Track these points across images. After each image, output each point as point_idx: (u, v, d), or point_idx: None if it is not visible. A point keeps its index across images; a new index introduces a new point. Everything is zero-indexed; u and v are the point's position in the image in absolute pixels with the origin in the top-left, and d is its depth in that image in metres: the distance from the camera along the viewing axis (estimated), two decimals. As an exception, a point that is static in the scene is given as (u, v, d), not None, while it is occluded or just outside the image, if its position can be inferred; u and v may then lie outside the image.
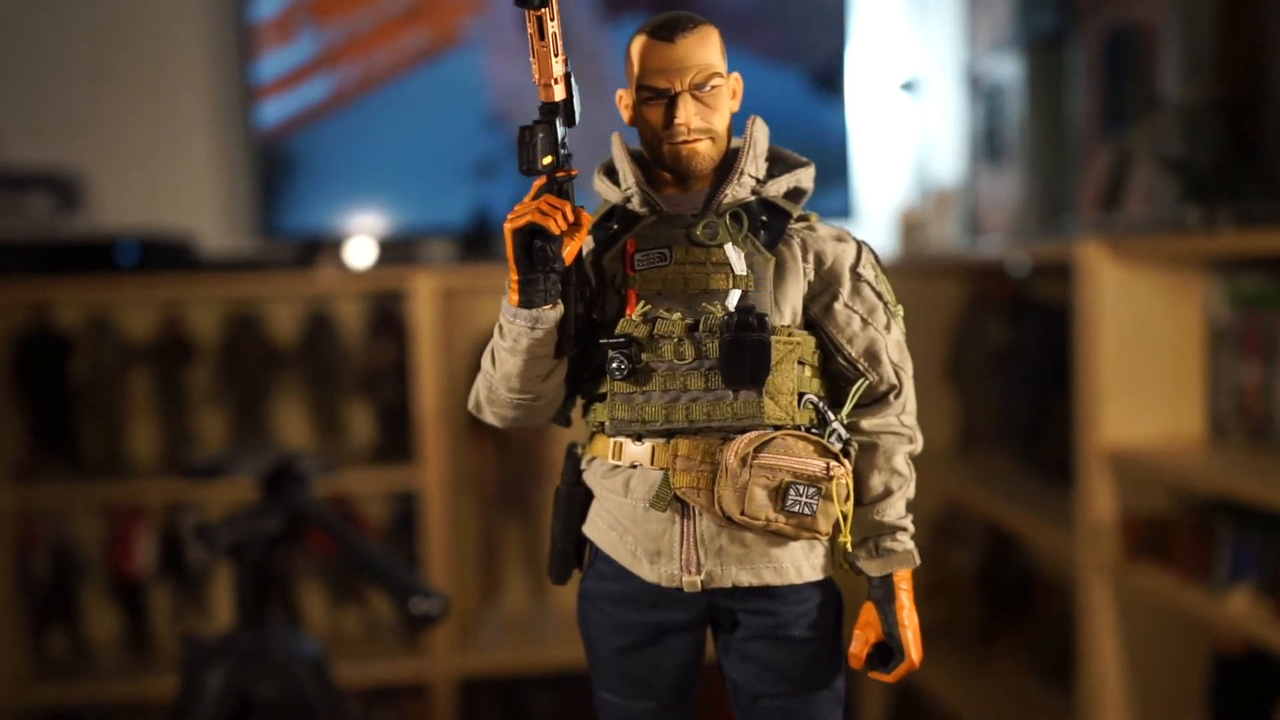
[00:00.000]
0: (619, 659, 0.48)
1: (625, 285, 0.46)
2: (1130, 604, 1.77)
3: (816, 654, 0.47)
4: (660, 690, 0.48)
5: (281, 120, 2.50)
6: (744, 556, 0.46)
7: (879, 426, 0.47)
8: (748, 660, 0.47)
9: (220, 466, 1.05)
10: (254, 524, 1.07)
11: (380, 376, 2.57)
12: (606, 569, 0.48)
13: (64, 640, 2.54)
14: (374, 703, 2.59)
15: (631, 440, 0.47)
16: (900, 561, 0.47)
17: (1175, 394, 1.77)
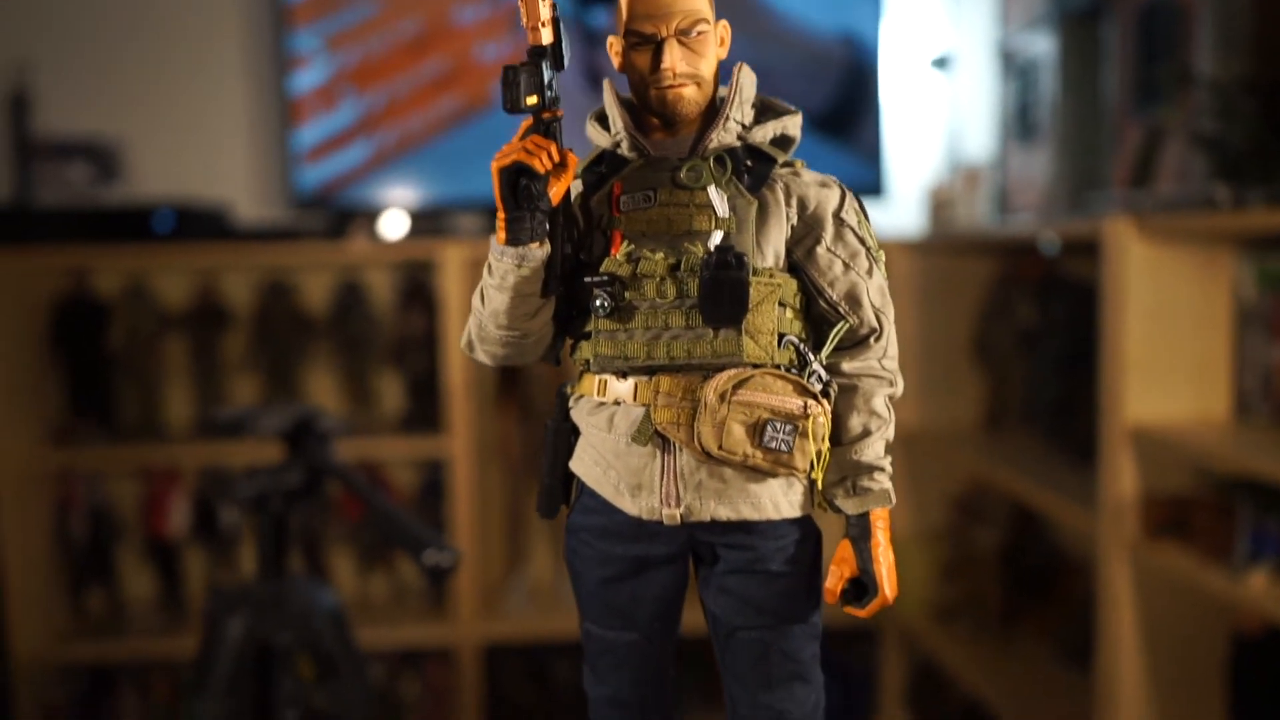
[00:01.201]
0: (602, 590, 0.50)
1: (611, 226, 0.47)
2: (1150, 583, 1.76)
3: (793, 588, 0.48)
4: (642, 622, 0.49)
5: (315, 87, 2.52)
6: (722, 492, 0.47)
7: (859, 369, 0.48)
8: (726, 593, 0.49)
9: (244, 422, 1.08)
10: (275, 478, 1.09)
11: (409, 347, 2.61)
12: (591, 503, 0.50)
13: (101, 599, 2.60)
14: (401, 666, 2.64)
15: (616, 377, 0.48)
16: (876, 500, 0.48)
17: (1201, 373, 1.75)
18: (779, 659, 0.48)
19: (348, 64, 2.51)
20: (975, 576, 2.50)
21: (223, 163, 2.65)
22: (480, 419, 2.52)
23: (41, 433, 2.45)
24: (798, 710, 0.49)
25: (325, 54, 2.50)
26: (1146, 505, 1.71)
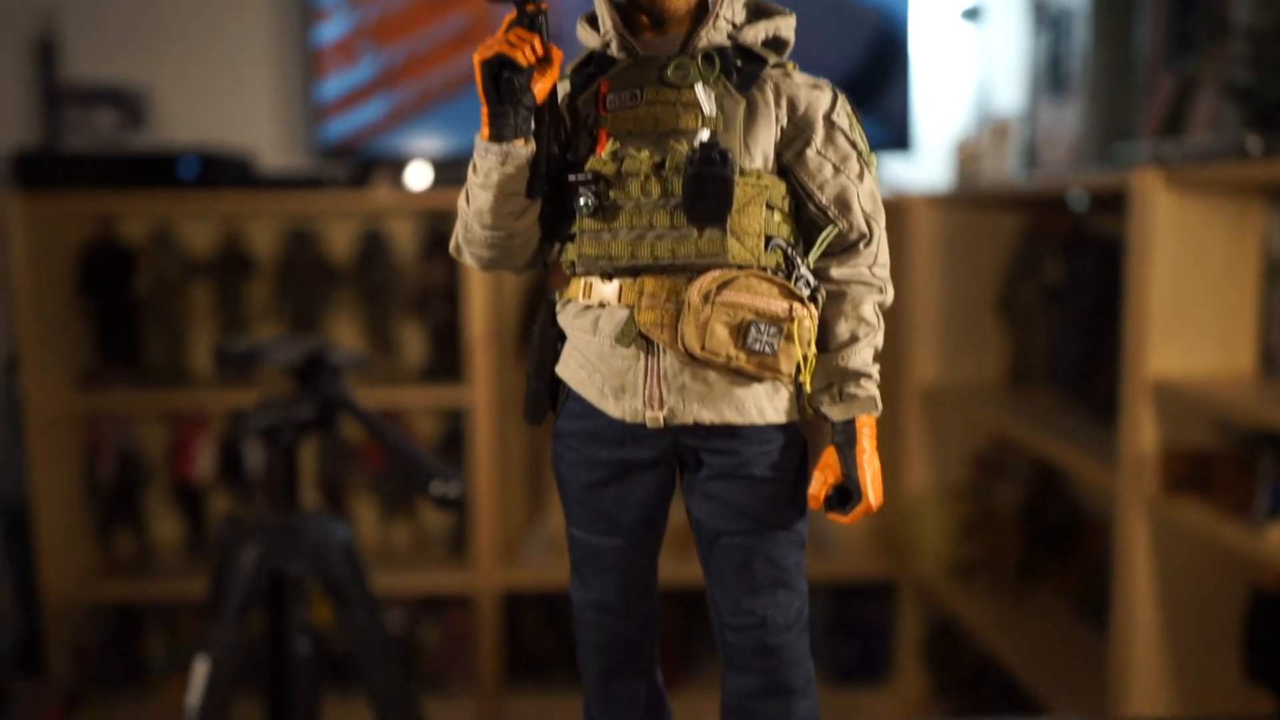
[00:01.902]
0: (586, 495, 0.50)
1: (597, 125, 0.47)
2: (1168, 537, 1.75)
3: (777, 494, 0.48)
4: (626, 527, 0.50)
5: (336, 40, 2.52)
6: (706, 395, 0.47)
7: (848, 275, 0.48)
8: (710, 499, 0.49)
9: (256, 354, 1.09)
10: (287, 410, 1.11)
11: (431, 296, 2.62)
12: (576, 407, 0.50)
13: (129, 541, 2.65)
14: (421, 612, 2.67)
15: (600, 279, 0.48)
16: (862, 407, 0.48)
17: (1226, 327, 1.73)
18: (762, 565, 0.49)
19: (367, 19, 2.51)
20: (994, 534, 2.49)
21: (248, 111, 2.65)
22: (501, 369, 2.53)
23: (70, 377, 2.49)
24: (781, 616, 0.49)
25: (346, 8, 2.50)
26: (1166, 460, 1.69)
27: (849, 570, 2.66)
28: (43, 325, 2.37)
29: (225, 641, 1.08)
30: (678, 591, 2.36)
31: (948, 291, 2.57)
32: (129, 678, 2.59)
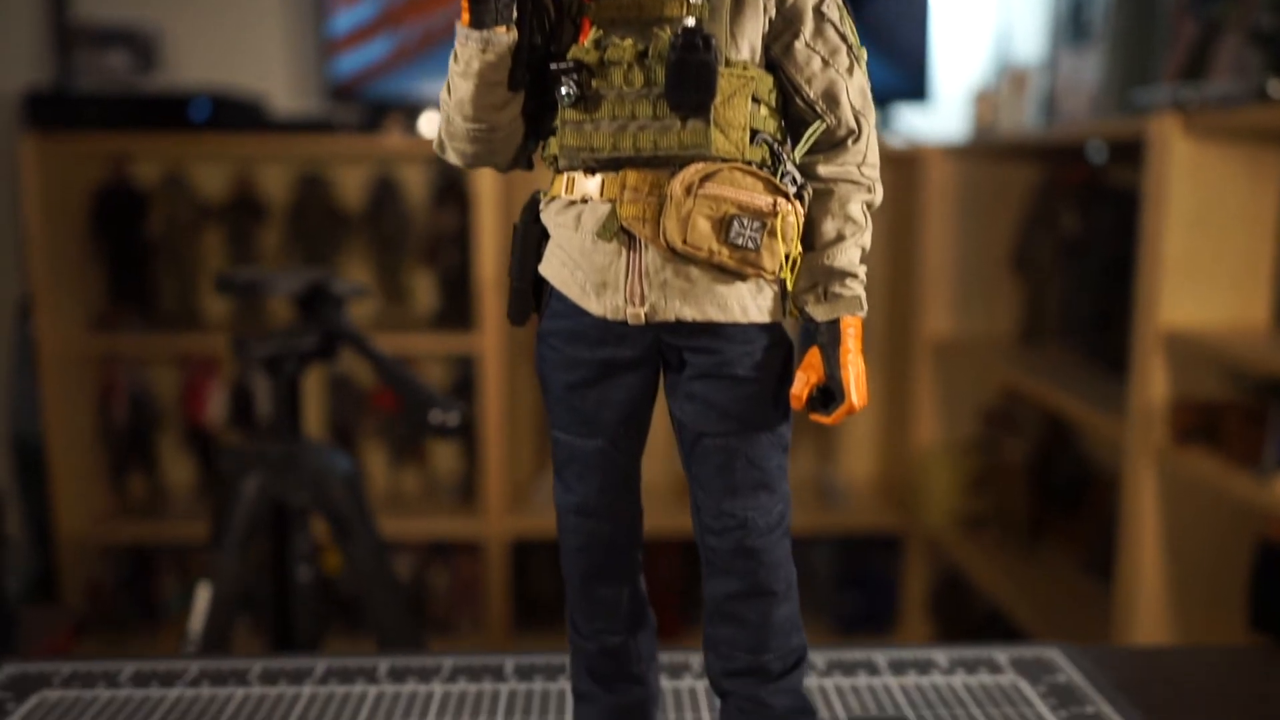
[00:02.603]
0: (569, 396, 0.49)
1: (580, 14, 0.46)
2: (1176, 489, 1.74)
3: (760, 395, 0.48)
4: (608, 428, 0.49)
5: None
6: (688, 291, 0.46)
7: (836, 173, 0.47)
8: (692, 400, 0.48)
9: (257, 284, 1.09)
10: (289, 340, 1.11)
11: (443, 243, 2.61)
12: (559, 307, 0.49)
13: (143, 484, 2.67)
14: (431, 557, 2.69)
15: (583, 173, 0.47)
16: (847, 307, 0.47)
17: (1242, 277, 1.70)
18: (744, 466, 0.48)
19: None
20: (1003, 488, 2.48)
21: (258, 52, 2.64)
22: (511, 316, 2.52)
23: (84, 319, 2.50)
24: (762, 519, 0.48)
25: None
26: (1176, 410, 1.68)
27: (857, 522, 2.66)
28: (56, 267, 2.37)
29: (227, 569, 1.09)
30: (682, 541, 2.37)
31: (961, 245, 2.55)
32: (142, 616, 2.63)
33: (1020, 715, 0.65)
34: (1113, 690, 0.68)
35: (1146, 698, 0.68)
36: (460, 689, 0.69)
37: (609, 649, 0.54)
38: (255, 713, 0.65)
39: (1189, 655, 0.76)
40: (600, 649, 0.54)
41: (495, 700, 0.67)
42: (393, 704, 0.67)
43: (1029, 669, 0.71)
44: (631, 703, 0.55)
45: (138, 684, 0.69)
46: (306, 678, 0.70)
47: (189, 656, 0.72)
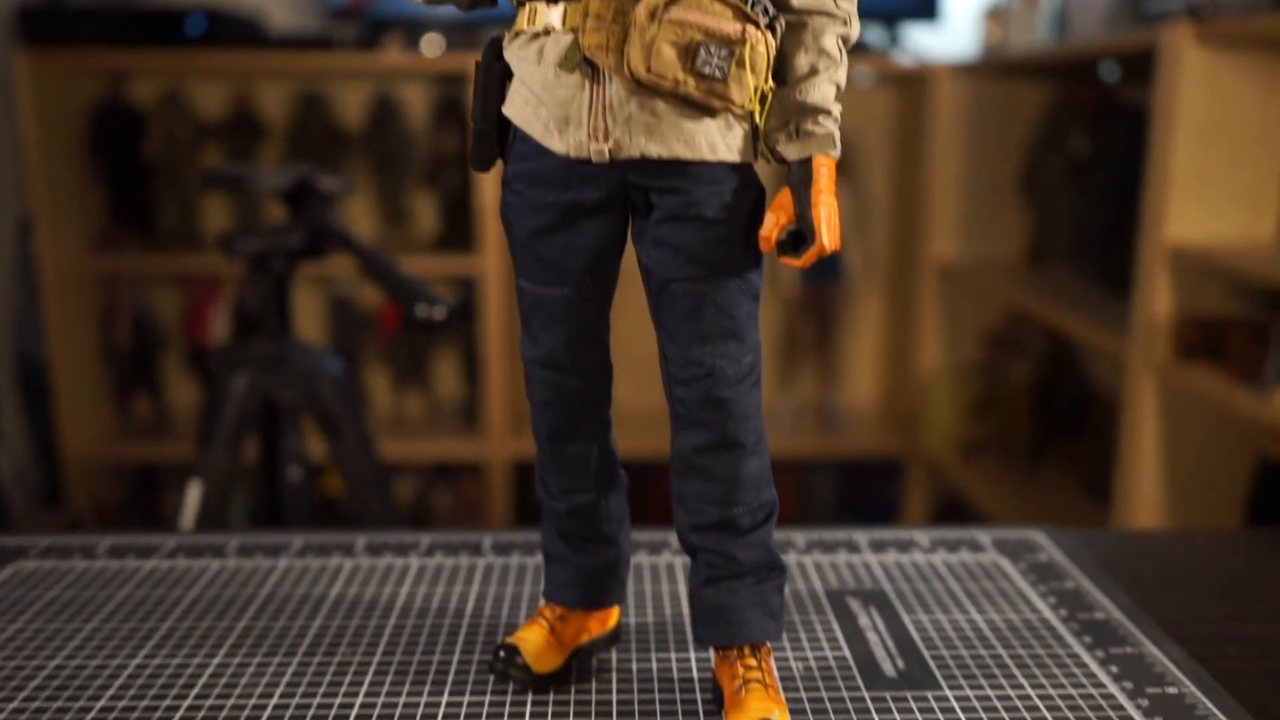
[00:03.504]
0: (534, 242, 0.48)
1: None
2: (1176, 406, 1.73)
3: (729, 238, 0.46)
4: (573, 275, 0.48)
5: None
6: (654, 127, 0.45)
7: (809, 4, 0.45)
8: (660, 244, 0.47)
9: (242, 179, 1.07)
10: (276, 237, 1.09)
11: (444, 165, 2.58)
12: (523, 149, 0.48)
13: (147, 405, 2.68)
14: (434, 478, 2.71)
15: (545, 3, 0.46)
16: (820, 145, 0.46)
17: (1251, 191, 1.67)
18: (712, 313, 0.47)
19: None
20: (1005, 412, 2.48)
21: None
22: (512, 238, 2.51)
23: (84, 240, 2.49)
24: (731, 368, 0.47)
25: None
26: (1179, 326, 1.66)
27: (858, 447, 2.66)
28: (55, 187, 2.36)
29: (217, 465, 1.09)
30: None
31: (969, 166, 2.51)
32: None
33: (999, 589, 0.65)
34: (1094, 568, 0.67)
35: (1128, 575, 0.68)
36: (437, 562, 0.68)
37: (578, 508, 0.54)
38: (230, 583, 0.65)
39: (1174, 537, 0.75)
40: (570, 508, 0.54)
41: (471, 572, 0.67)
42: (368, 575, 0.66)
43: (1011, 548, 0.71)
44: (602, 564, 0.55)
45: (114, 555, 0.69)
46: (283, 551, 0.70)
47: (167, 532, 0.72)
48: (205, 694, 0.53)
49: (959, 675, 0.55)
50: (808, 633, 0.59)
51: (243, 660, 0.56)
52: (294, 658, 0.57)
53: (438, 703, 0.52)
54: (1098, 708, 0.52)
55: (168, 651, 0.57)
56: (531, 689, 0.54)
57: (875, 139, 2.74)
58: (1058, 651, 0.57)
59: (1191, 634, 0.60)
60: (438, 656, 0.57)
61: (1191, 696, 0.53)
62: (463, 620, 0.61)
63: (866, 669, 0.56)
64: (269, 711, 0.52)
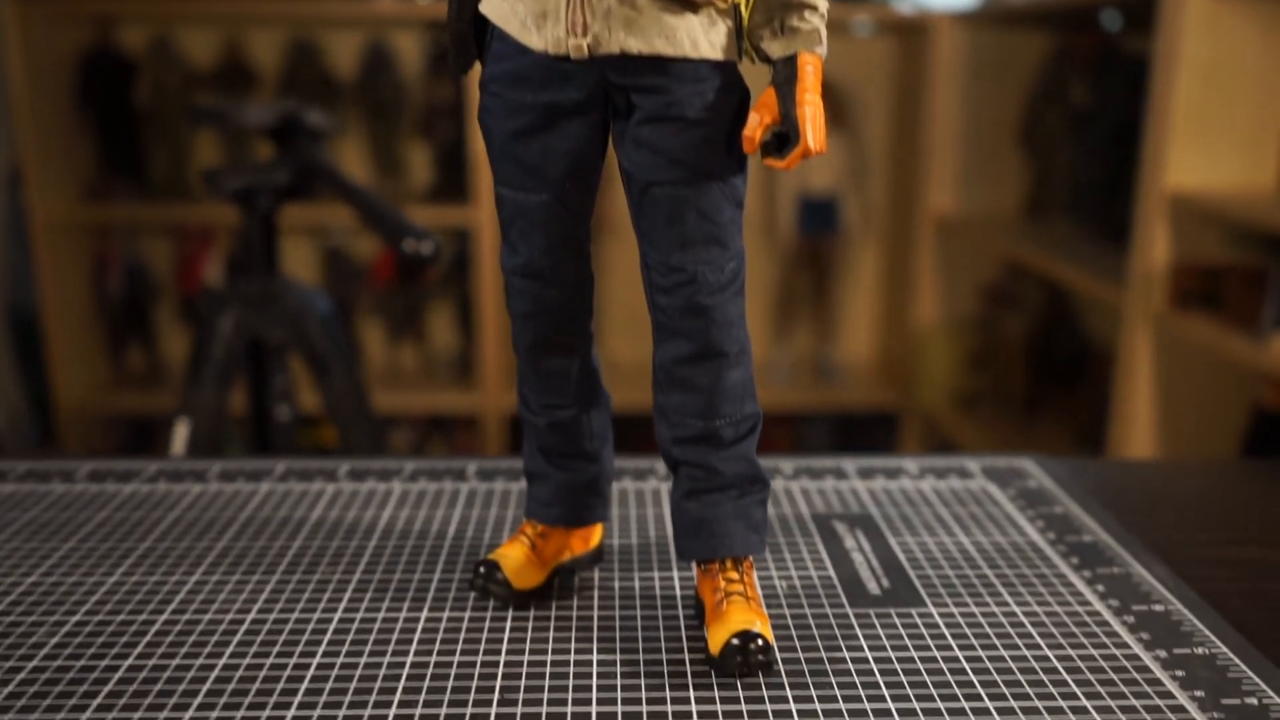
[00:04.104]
0: (512, 146, 0.47)
1: None
2: (1172, 353, 1.73)
3: (711, 139, 0.45)
4: (553, 180, 0.47)
5: None
6: (634, 21, 0.44)
7: (794, -104, 0.44)
8: (641, 146, 0.46)
9: (226, 113, 1.06)
10: (262, 174, 1.08)
11: (437, 115, 2.56)
12: (501, 48, 0.46)
13: (140, 356, 2.67)
14: (430, 431, 2.71)
15: (523, -107, 0.44)
16: (805, 41, 0.44)
17: (1253, 139, 1.66)
18: (695, 218, 0.46)
19: None
20: (1001, 365, 2.47)
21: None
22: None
23: (75, 189, 2.47)
24: (713, 274, 0.46)
25: None
26: (1176, 273, 1.65)
27: (854, 400, 2.66)
28: (44, 136, 2.33)
29: (204, 404, 1.09)
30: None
31: (969, 117, 2.49)
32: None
33: (986, 514, 0.64)
34: (1084, 494, 0.67)
35: (1117, 502, 0.67)
36: (420, 487, 0.68)
37: (560, 424, 0.53)
38: (211, 505, 0.65)
39: (1163, 466, 0.75)
40: (550, 424, 0.53)
41: (455, 496, 0.66)
42: (350, 499, 0.66)
43: (1000, 475, 0.70)
44: (584, 480, 0.54)
45: (94, 480, 0.68)
46: (265, 476, 0.69)
47: (148, 458, 0.72)
48: (182, 609, 0.53)
49: (944, 593, 0.54)
50: (793, 554, 0.59)
51: (221, 578, 0.56)
52: (273, 575, 0.56)
53: (416, 618, 0.52)
54: (1083, 624, 0.51)
55: (145, 569, 0.57)
56: (512, 605, 0.53)
57: (873, 89, 2.71)
58: (1044, 571, 0.57)
59: (1179, 557, 0.60)
60: (418, 575, 0.56)
61: (1178, 613, 0.52)
62: (444, 542, 0.60)
63: (851, 587, 0.55)
64: (246, 625, 0.51)
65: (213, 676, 0.47)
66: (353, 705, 0.45)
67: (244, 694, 0.45)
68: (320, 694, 0.45)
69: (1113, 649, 0.49)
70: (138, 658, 0.48)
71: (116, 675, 0.47)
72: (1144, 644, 0.49)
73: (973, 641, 0.50)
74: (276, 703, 0.45)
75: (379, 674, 0.47)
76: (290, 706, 0.44)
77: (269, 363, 1.15)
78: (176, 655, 0.48)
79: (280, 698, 0.45)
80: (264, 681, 0.46)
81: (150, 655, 0.48)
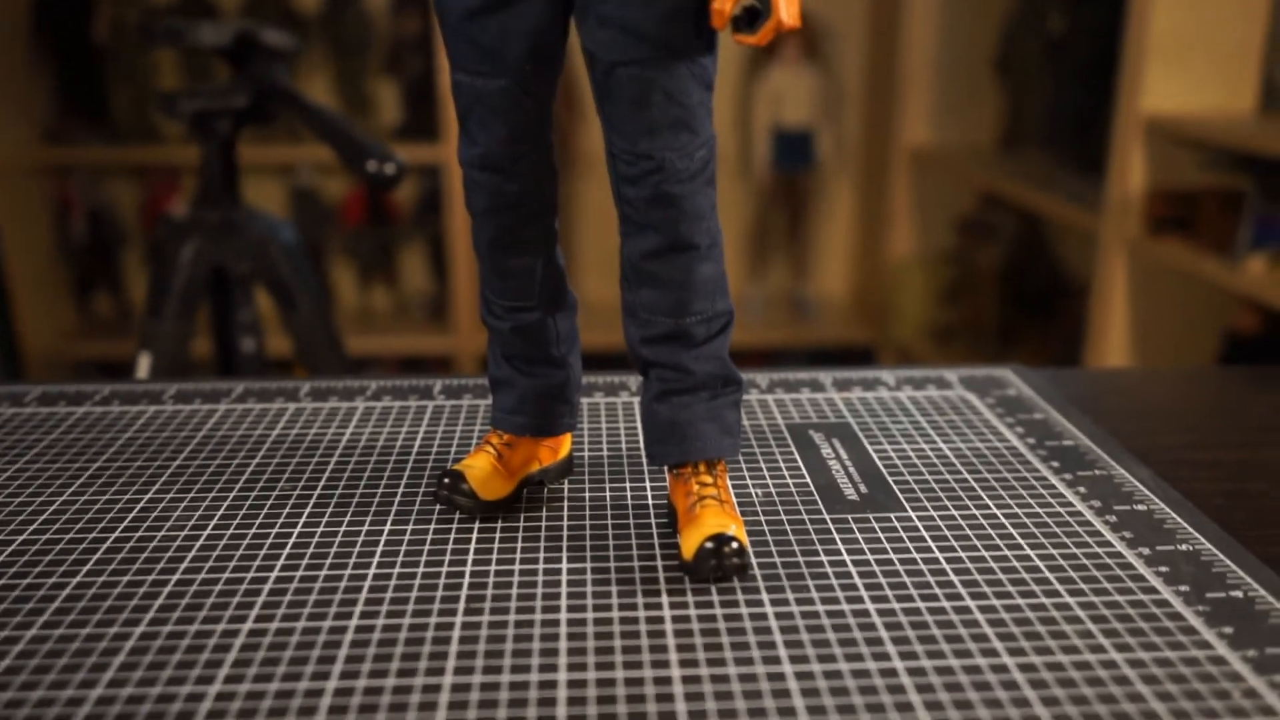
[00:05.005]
0: (467, 26, 0.44)
1: None
2: (1147, 278, 1.72)
3: (678, 14, 0.43)
4: (512, 62, 0.44)
5: None
6: (594, -115, 0.41)
7: None
8: (604, 24, 0.43)
9: (180, 32, 1.01)
10: (219, 97, 1.04)
11: (405, 50, 2.50)
12: (454, -82, 0.43)
13: (108, 301, 2.62)
14: (405, 372, 2.68)
15: None
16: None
17: (1230, 62, 1.64)
18: (662, 101, 0.43)
19: None
20: (975, 298, 2.46)
21: None
22: (477, 124, 2.44)
23: (33, 131, 2.40)
24: (682, 161, 0.44)
25: None
26: (1151, 198, 1.63)
27: (829, 336, 2.65)
28: (0, 76, 2.26)
29: (166, 335, 1.06)
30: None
31: (944, 48, 2.45)
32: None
33: (965, 421, 0.63)
34: (1063, 401, 0.66)
35: (1096, 408, 0.66)
36: (384, 404, 0.66)
37: (524, 327, 0.51)
38: (166, 426, 0.63)
39: (1142, 374, 0.74)
40: (515, 327, 0.51)
41: (420, 413, 0.64)
42: (312, 417, 0.64)
43: (979, 385, 0.69)
44: (551, 386, 0.52)
45: (44, 403, 0.66)
46: (223, 397, 0.67)
47: (101, 382, 0.69)
48: (134, 527, 0.51)
49: (923, 498, 0.53)
50: (768, 462, 0.57)
51: (175, 496, 0.54)
52: (229, 493, 0.54)
53: (379, 531, 0.50)
54: (1064, 524, 0.50)
55: (96, 489, 0.54)
56: (478, 516, 0.51)
57: (847, 20, 2.67)
58: (1024, 475, 0.55)
59: (1159, 459, 0.59)
60: (381, 489, 0.54)
61: (1160, 512, 0.51)
62: (409, 457, 0.58)
63: (827, 494, 0.54)
64: (201, 541, 0.49)
65: (166, 591, 0.45)
66: (311, 618, 0.43)
67: (198, 608, 0.44)
68: (278, 607, 0.44)
69: (1095, 547, 0.48)
70: (87, 574, 0.46)
71: (64, 592, 0.45)
72: (1127, 542, 0.48)
73: (953, 543, 0.48)
74: (232, 616, 0.43)
75: (339, 586, 0.45)
76: (246, 620, 0.43)
77: (234, 295, 1.12)
78: (128, 571, 0.46)
79: (236, 610, 0.43)
80: (219, 596, 0.45)
81: (100, 572, 0.46)
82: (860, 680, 0.39)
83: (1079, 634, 0.41)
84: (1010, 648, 0.40)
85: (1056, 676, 0.39)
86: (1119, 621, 0.42)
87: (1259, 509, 0.53)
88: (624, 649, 0.41)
